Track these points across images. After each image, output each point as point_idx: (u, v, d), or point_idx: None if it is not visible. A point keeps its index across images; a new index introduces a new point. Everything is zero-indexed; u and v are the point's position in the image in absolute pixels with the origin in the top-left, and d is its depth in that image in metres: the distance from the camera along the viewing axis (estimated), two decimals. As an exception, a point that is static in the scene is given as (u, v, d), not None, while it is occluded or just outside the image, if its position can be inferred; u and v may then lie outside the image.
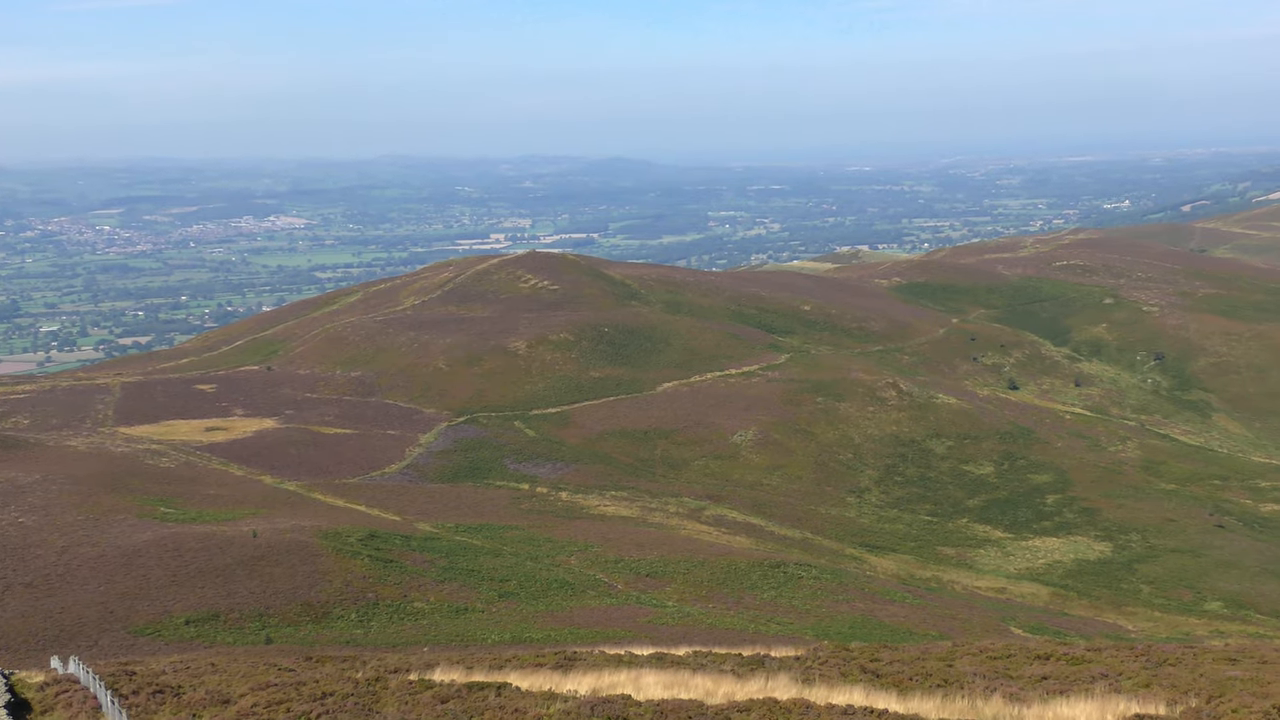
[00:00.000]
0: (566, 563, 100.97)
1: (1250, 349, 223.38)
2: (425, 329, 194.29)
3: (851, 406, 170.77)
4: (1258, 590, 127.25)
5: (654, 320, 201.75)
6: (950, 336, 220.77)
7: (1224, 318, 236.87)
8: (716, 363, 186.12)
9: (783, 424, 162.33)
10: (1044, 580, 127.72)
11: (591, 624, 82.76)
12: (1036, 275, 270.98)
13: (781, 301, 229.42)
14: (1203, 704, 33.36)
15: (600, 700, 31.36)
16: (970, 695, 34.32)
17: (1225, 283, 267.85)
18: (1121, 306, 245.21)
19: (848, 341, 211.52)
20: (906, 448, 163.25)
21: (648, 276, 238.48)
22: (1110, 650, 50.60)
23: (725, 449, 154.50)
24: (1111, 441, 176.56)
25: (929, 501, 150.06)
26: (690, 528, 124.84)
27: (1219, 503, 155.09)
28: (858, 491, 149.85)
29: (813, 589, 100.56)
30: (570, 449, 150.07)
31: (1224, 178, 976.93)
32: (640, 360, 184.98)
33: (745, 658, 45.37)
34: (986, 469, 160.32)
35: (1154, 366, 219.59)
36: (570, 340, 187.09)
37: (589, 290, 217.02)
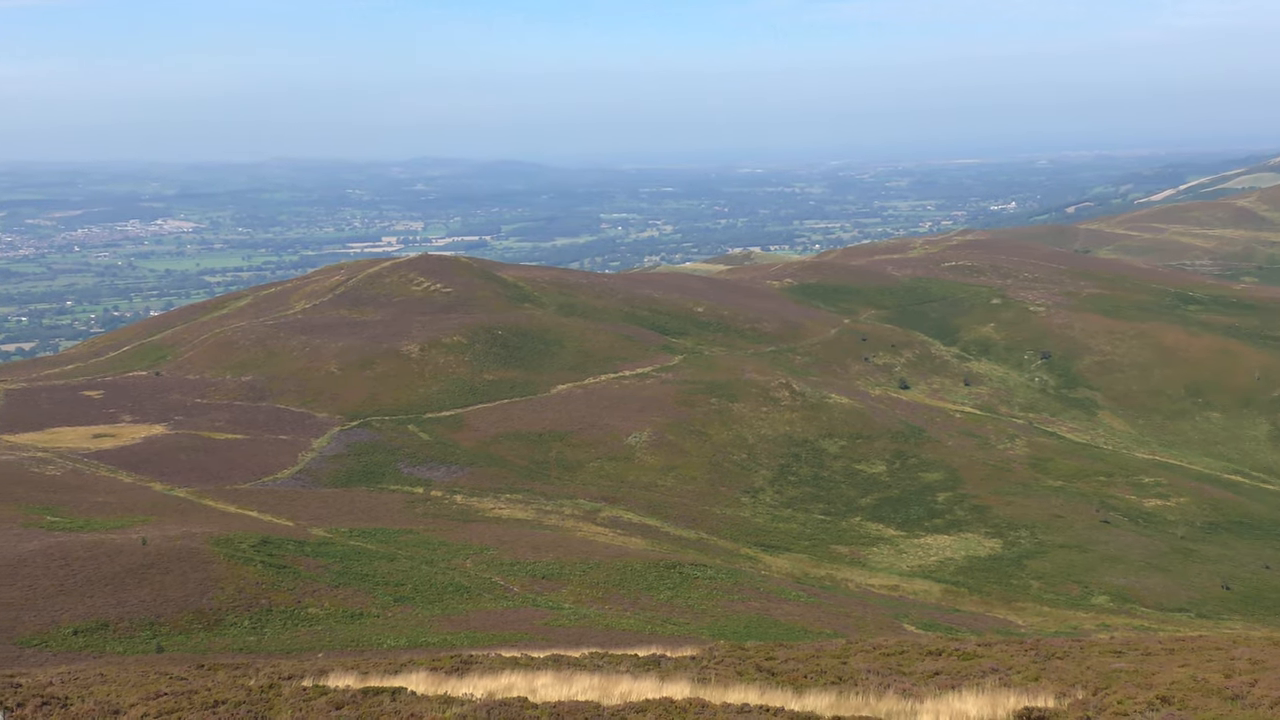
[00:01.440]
0: (462, 566, 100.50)
1: (1133, 347, 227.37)
2: (317, 333, 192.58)
3: (745, 407, 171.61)
4: (1142, 584, 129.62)
5: (547, 322, 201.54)
6: (842, 337, 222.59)
7: (1108, 317, 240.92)
8: (610, 364, 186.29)
9: (677, 425, 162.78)
10: (936, 577, 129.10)
11: (488, 627, 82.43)
12: (926, 276, 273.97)
13: (675, 303, 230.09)
14: (1089, 696, 33.87)
15: (496, 703, 31.23)
16: (864, 692, 34.57)
17: (1109, 283, 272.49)
18: (1009, 306, 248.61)
19: (741, 342, 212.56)
20: (800, 447, 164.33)
21: (541, 279, 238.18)
22: (1000, 645, 51.22)
23: (620, 450, 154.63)
24: (1000, 439, 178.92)
25: (822, 501, 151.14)
26: (586, 529, 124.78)
27: (1105, 499, 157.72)
28: (752, 491, 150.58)
29: (708, 589, 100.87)
30: (464, 452, 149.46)
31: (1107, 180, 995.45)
32: (534, 362, 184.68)
33: (642, 658, 45.38)
34: (879, 468, 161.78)
35: (1041, 365, 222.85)
36: (463, 343, 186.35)
37: (482, 293, 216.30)
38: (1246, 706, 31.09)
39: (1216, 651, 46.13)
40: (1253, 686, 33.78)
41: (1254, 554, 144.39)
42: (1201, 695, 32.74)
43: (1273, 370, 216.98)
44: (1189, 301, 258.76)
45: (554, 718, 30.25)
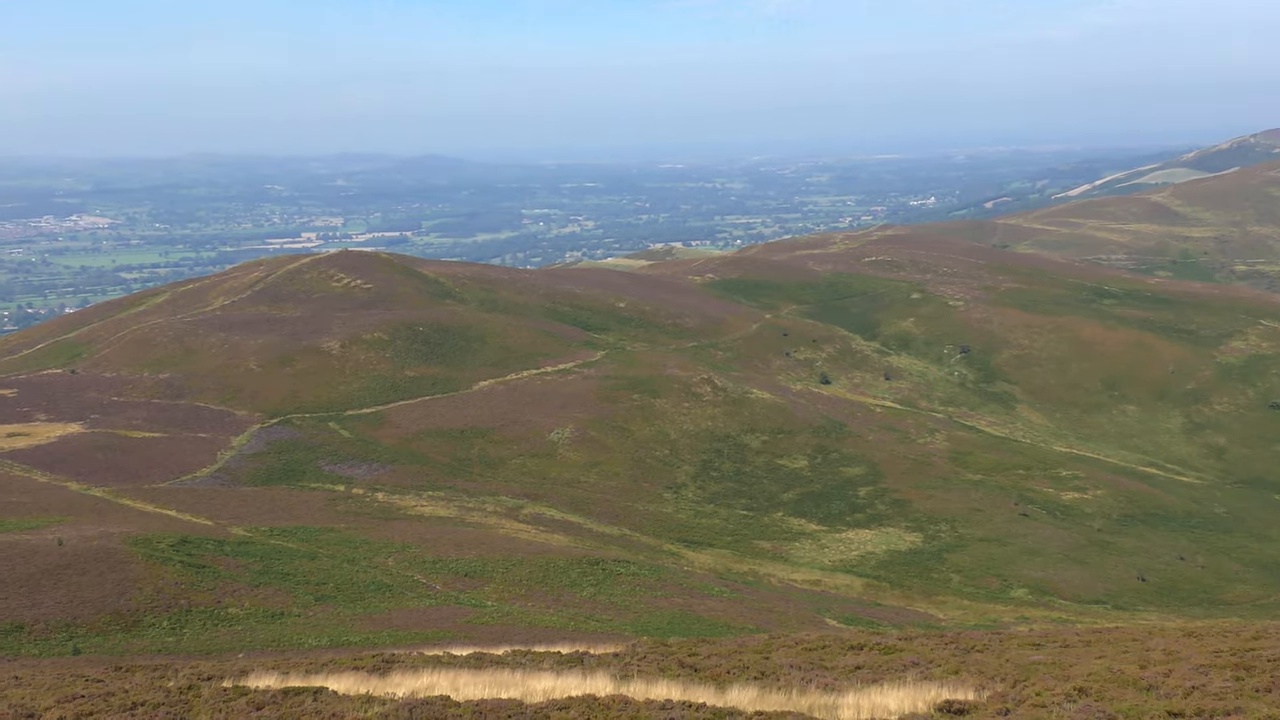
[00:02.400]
0: (384, 564, 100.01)
1: (1050, 342, 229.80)
2: (236, 329, 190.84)
3: (667, 403, 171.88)
4: (1060, 576, 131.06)
5: (469, 319, 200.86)
6: (763, 332, 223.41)
7: (1026, 311, 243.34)
8: (533, 360, 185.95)
9: (599, 421, 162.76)
10: (857, 571, 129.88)
11: (410, 625, 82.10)
12: (847, 271, 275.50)
13: (597, 299, 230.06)
14: (1008, 688, 34.22)
15: (419, 702, 31.11)
16: (786, 687, 34.74)
17: (1027, 277, 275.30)
18: (928, 301, 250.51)
19: (663, 338, 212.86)
20: (722, 443, 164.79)
21: (462, 274, 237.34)
22: (921, 639, 51.66)
23: (542, 447, 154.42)
24: (921, 434, 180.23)
25: (745, 496, 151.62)
26: (509, 526, 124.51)
27: (1023, 492, 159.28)
28: (675, 487, 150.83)
29: (631, 585, 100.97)
30: (386, 449, 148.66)
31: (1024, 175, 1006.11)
32: (456, 359, 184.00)
33: (565, 655, 45.37)
34: (800, 463, 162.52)
35: (960, 360, 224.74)
36: (385, 339, 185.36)
37: (403, 289, 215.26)
38: (1161, 697, 31.52)
39: (1132, 643, 46.75)
40: (1167, 677, 34.25)
41: (1168, 545, 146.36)
42: (1117, 686, 33.16)
43: (1186, 364, 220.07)
44: (1105, 296, 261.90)
45: (477, 716, 30.18)
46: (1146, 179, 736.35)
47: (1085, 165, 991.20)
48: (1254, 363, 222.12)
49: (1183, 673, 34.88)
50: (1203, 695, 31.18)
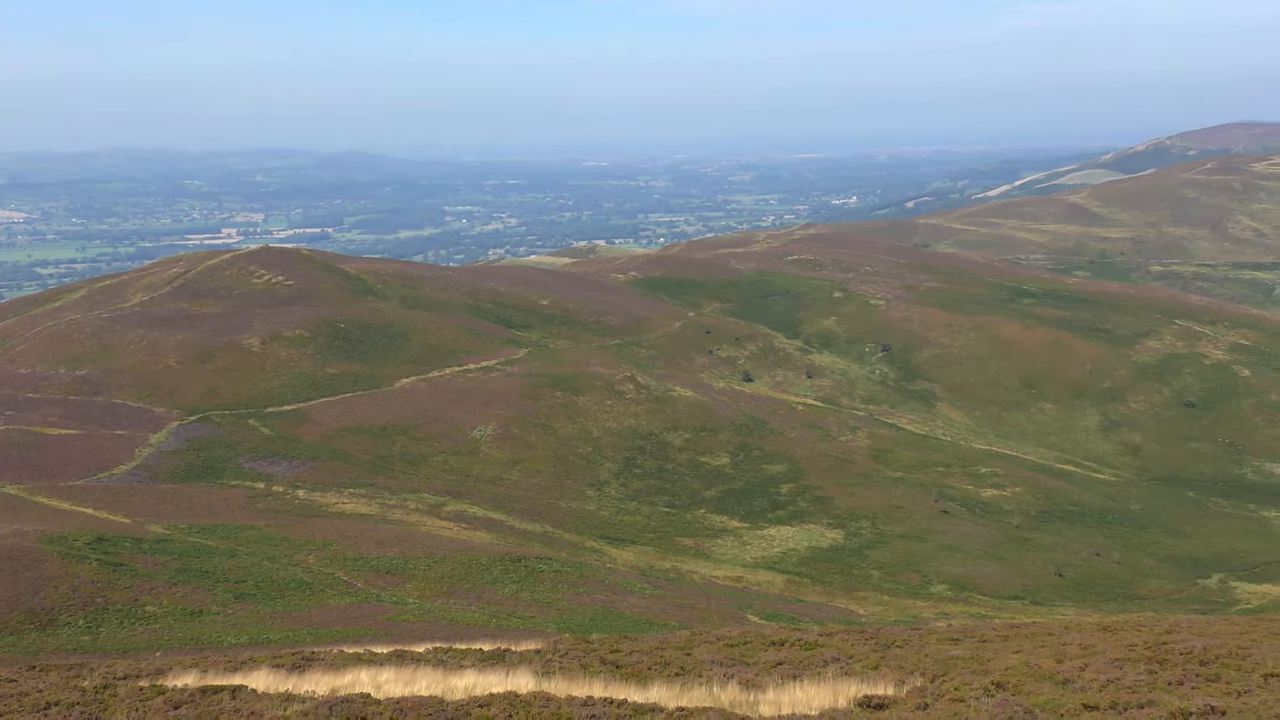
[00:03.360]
0: (305, 562, 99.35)
1: (970, 340, 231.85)
2: (155, 326, 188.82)
3: (590, 400, 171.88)
4: (979, 572, 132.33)
5: (391, 316, 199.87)
6: (686, 330, 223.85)
7: (946, 310, 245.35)
8: (455, 358, 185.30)
9: (522, 418, 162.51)
10: (779, 568, 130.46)
11: (331, 623, 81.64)
12: (769, 270, 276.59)
13: (520, 296, 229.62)
14: (927, 683, 34.54)
15: (339, 700, 30.96)
16: (707, 683, 34.88)
17: (947, 276, 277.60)
18: (850, 300, 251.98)
19: (586, 336, 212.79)
20: (645, 440, 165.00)
21: (384, 271, 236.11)
22: (842, 634, 51.98)
23: (465, 444, 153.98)
24: (842, 431, 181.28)
25: (667, 493, 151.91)
26: (430, 524, 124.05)
27: (943, 489, 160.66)
28: (597, 485, 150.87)
29: (554, 582, 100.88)
30: (307, 446, 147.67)
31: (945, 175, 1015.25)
32: (378, 356, 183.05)
33: (486, 653, 45.30)
34: (723, 460, 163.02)
35: (881, 358, 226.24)
36: (306, 336, 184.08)
37: (325, 286, 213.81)
38: (1076, 690, 31.92)
39: (1049, 637, 47.28)
40: (1083, 671, 34.68)
41: (1085, 541, 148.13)
42: (1034, 680, 33.54)
43: (1103, 363, 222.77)
44: (1024, 295, 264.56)
45: (397, 713, 30.09)
46: (1065, 180, 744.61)
47: (1005, 166, 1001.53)
48: (1168, 362, 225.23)
49: (1098, 666, 35.34)
50: (1117, 688, 31.61)
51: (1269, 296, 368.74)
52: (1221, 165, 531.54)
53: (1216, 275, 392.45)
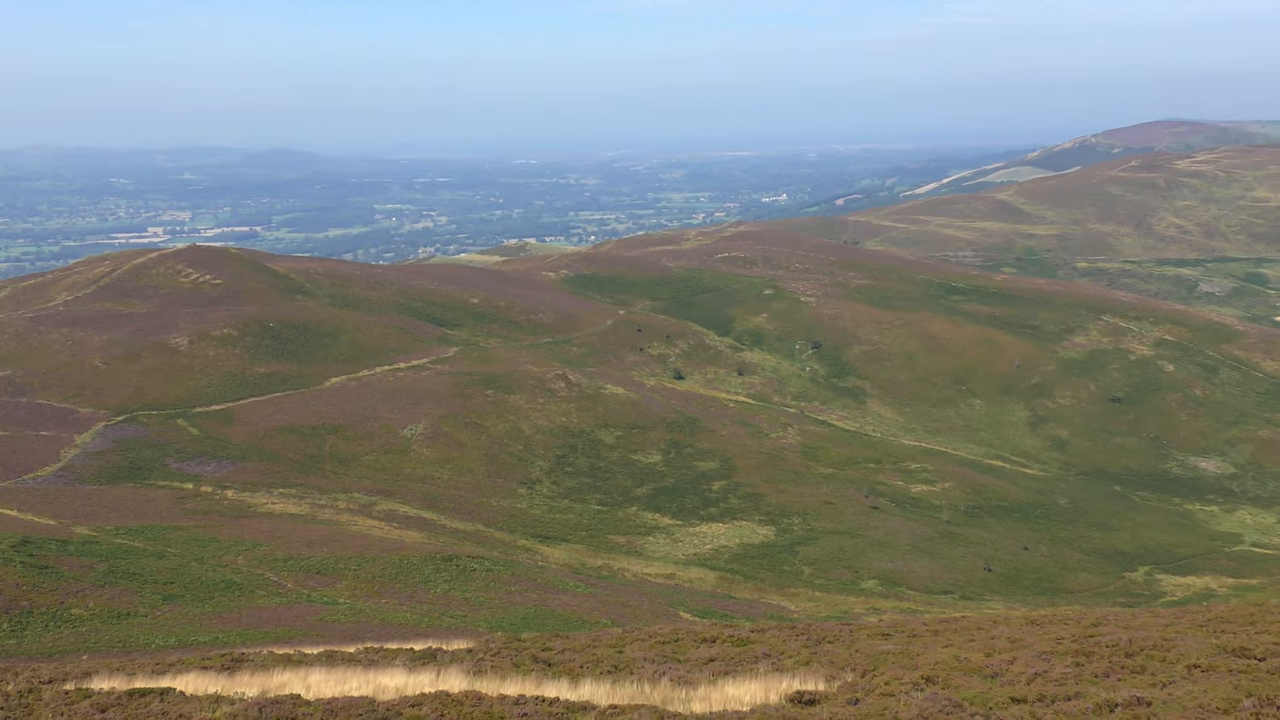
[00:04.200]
0: (234, 563, 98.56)
1: (900, 337, 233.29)
2: (80, 325, 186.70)
3: (522, 399, 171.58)
4: (909, 567, 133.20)
5: (321, 315, 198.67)
6: (617, 328, 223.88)
7: (876, 307, 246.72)
8: (385, 356, 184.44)
9: (453, 417, 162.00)
10: (711, 565, 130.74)
11: (260, 624, 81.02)
12: (700, 267, 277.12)
13: (450, 294, 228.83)
14: (858, 678, 34.74)
15: (269, 701, 30.75)
16: (639, 680, 34.91)
17: (877, 274, 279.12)
18: (781, 297, 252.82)
19: (517, 334, 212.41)
20: (576, 438, 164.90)
21: (314, 270, 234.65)
22: (773, 630, 52.17)
23: (396, 443, 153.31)
24: (773, 428, 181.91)
25: (599, 491, 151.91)
26: (361, 523, 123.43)
27: (873, 485, 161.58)
28: (529, 483, 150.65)
29: (486, 581, 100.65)
30: (236, 447, 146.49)
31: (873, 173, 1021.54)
32: (307, 355, 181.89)
33: (418, 652, 45.14)
34: (654, 458, 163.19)
35: (812, 355, 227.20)
36: (234, 336, 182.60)
37: (253, 284, 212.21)
38: (1005, 684, 32.20)
39: (978, 631, 47.66)
40: (1011, 664, 35.00)
41: (1013, 536, 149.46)
42: (963, 674, 33.81)
43: (1031, 359, 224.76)
44: (952, 292, 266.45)
45: (328, 714, 29.92)
46: (993, 177, 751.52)
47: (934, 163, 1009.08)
48: (1095, 357, 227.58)
49: (1026, 660, 35.66)
50: (1044, 681, 31.91)
51: (1193, 292, 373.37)
52: (1146, 163, 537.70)
53: (1141, 271, 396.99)
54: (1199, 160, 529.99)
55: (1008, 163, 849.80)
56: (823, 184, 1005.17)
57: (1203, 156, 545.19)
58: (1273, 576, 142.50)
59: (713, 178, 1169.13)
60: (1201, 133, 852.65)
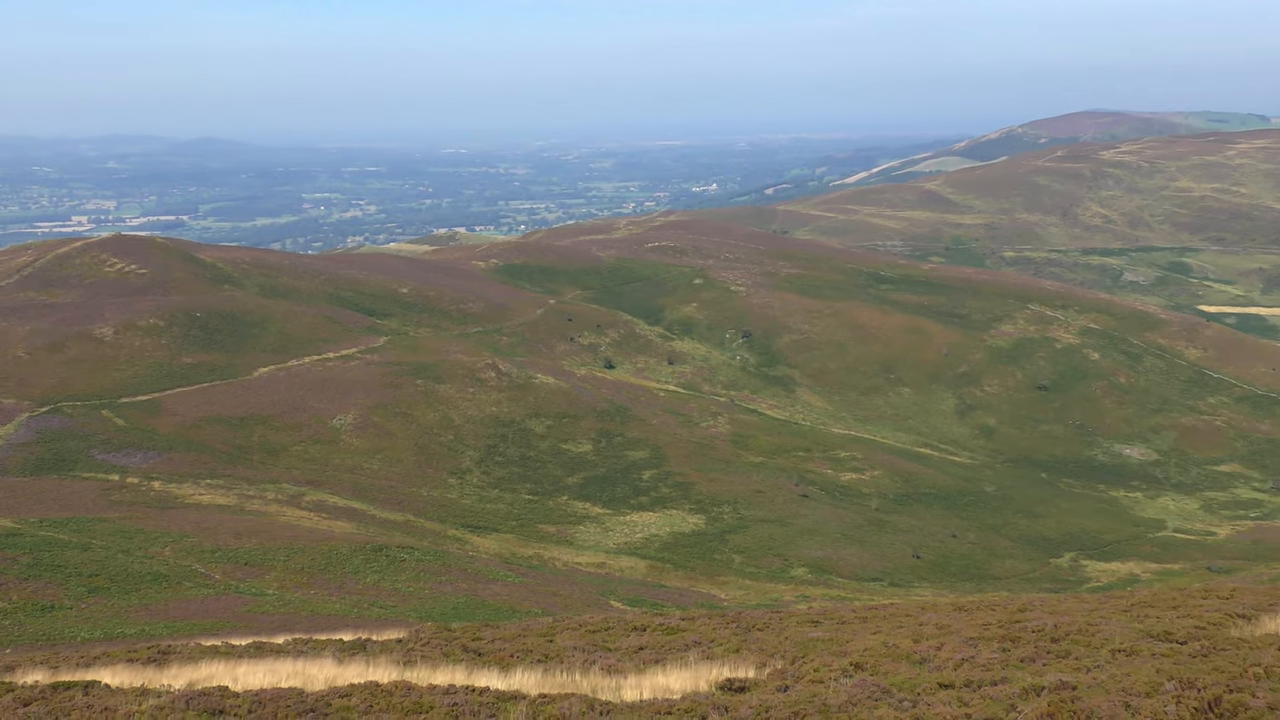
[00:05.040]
0: (161, 554, 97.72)
1: (829, 326, 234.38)
2: (2, 316, 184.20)
3: (452, 388, 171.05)
4: (838, 555, 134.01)
5: (249, 304, 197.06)
6: (548, 317, 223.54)
7: (805, 296, 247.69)
8: (314, 346, 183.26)
9: (383, 407, 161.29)
10: (642, 554, 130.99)
11: (188, 616, 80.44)
12: (630, 256, 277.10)
13: (379, 284, 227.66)
14: (788, 665, 34.92)
15: (196, 694, 30.52)
16: (570, 669, 34.94)
17: (806, 263, 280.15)
18: (711, 286, 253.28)
19: (447, 323, 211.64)
20: (507, 428, 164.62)
21: (241, 259, 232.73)
22: (703, 619, 52.35)
23: (325, 433, 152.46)
24: (704, 417, 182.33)
25: (529, 480, 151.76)
26: (290, 514, 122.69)
27: (803, 473, 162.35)
28: (459, 473, 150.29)
29: (416, 571, 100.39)
30: (163, 437, 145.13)
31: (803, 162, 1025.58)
32: (235, 345, 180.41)
33: (347, 643, 44.96)
34: (585, 447, 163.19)
35: (742, 344, 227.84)
36: (161, 325, 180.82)
37: (180, 274, 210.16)
38: (933, 669, 32.46)
39: (906, 618, 48.02)
40: (938, 650, 35.28)
41: (941, 523, 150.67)
42: (891, 660, 34.05)
43: (959, 347, 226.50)
44: (881, 281, 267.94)
45: (256, 705, 29.74)
46: (921, 167, 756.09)
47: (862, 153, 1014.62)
48: (1022, 346, 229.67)
49: (953, 646, 35.96)
50: (971, 667, 32.19)
51: (1117, 281, 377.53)
52: (1071, 153, 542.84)
53: (1067, 260, 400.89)
54: (1123, 151, 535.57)
55: (936, 153, 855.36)
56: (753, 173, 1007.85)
57: (1127, 147, 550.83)
58: (1194, 562, 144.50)
59: (643, 167, 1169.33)
60: (1126, 123, 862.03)
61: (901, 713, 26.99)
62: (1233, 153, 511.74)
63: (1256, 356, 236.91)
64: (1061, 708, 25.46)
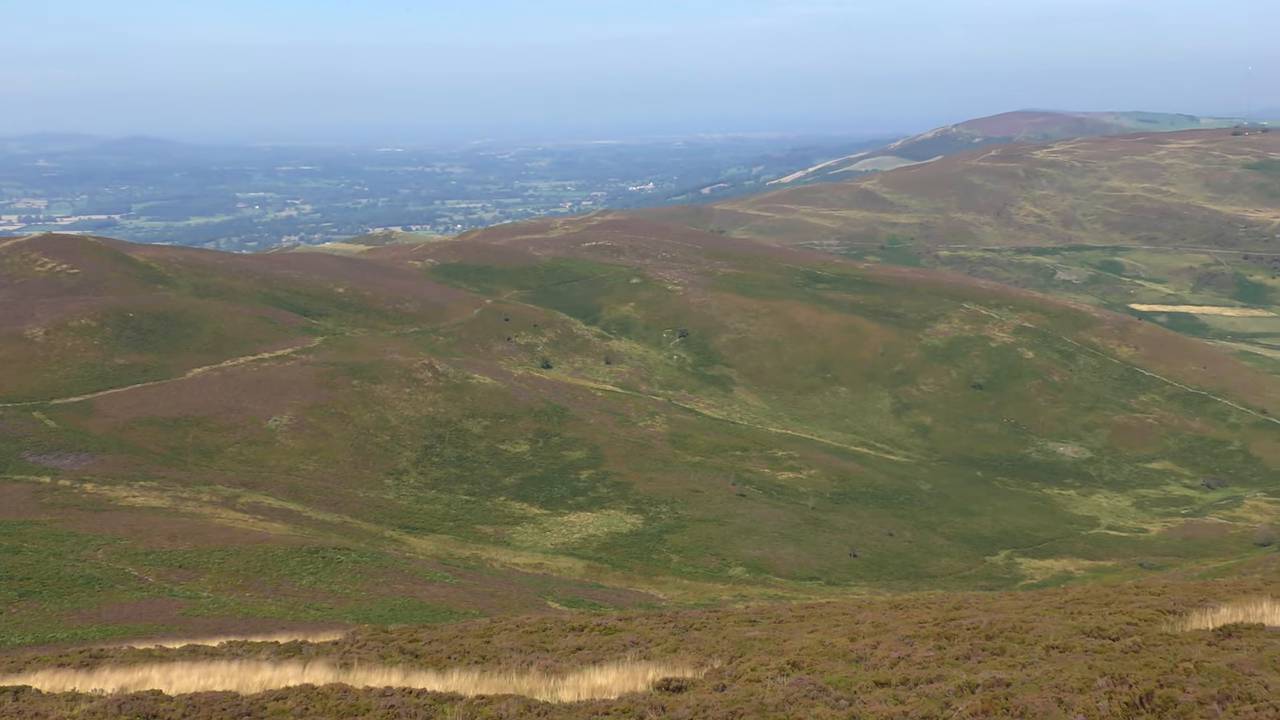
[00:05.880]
0: (93, 557, 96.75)
1: (766, 325, 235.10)
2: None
3: (388, 388, 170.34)
4: (776, 554, 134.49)
5: (183, 305, 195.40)
6: (485, 317, 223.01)
7: (742, 296, 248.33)
8: (249, 347, 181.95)
9: (318, 408, 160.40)
10: (579, 554, 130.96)
11: (121, 619, 79.69)
12: (567, 256, 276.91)
13: (315, 284, 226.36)
14: (725, 664, 35.00)
15: (129, 698, 30.23)
16: (507, 670, 34.88)
17: (743, 262, 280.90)
18: (648, 286, 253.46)
19: (383, 323, 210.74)
20: (443, 428, 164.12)
21: (175, 259, 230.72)
22: (641, 619, 52.37)
23: (260, 435, 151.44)
24: (641, 417, 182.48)
25: (467, 481, 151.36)
26: (225, 516, 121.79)
27: (740, 473, 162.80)
28: (396, 473, 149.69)
29: (352, 573, 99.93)
30: (96, 439, 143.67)
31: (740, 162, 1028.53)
32: (169, 346, 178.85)
33: (283, 645, 44.67)
34: (522, 447, 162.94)
35: (679, 343, 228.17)
36: (93, 326, 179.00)
37: (112, 274, 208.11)
38: (869, 668, 32.62)
39: (843, 617, 48.22)
40: (875, 649, 35.45)
41: (878, 522, 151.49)
42: (828, 659, 34.18)
43: (894, 346, 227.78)
44: (818, 280, 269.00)
45: (190, 709, 29.48)
46: (857, 166, 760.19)
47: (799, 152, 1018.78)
48: (957, 345, 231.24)
49: (889, 644, 36.15)
50: (907, 665, 32.37)
51: (1050, 280, 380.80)
52: (1005, 153, 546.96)
53: (1001, 260, 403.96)
54: (1056, 150, 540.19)
55: (872, 152, 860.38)
56: (690, 173, 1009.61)
57: (1060, 147, 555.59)
58: (1127, 558, 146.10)
59: (580, 166, 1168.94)
60: (1059, 123, 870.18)
61: (838, 711, 27.09)
62: (1163, 152, 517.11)
63: (1187, 355, 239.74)
64: (996, 704, 25.65)
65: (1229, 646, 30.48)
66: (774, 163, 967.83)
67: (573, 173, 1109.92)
